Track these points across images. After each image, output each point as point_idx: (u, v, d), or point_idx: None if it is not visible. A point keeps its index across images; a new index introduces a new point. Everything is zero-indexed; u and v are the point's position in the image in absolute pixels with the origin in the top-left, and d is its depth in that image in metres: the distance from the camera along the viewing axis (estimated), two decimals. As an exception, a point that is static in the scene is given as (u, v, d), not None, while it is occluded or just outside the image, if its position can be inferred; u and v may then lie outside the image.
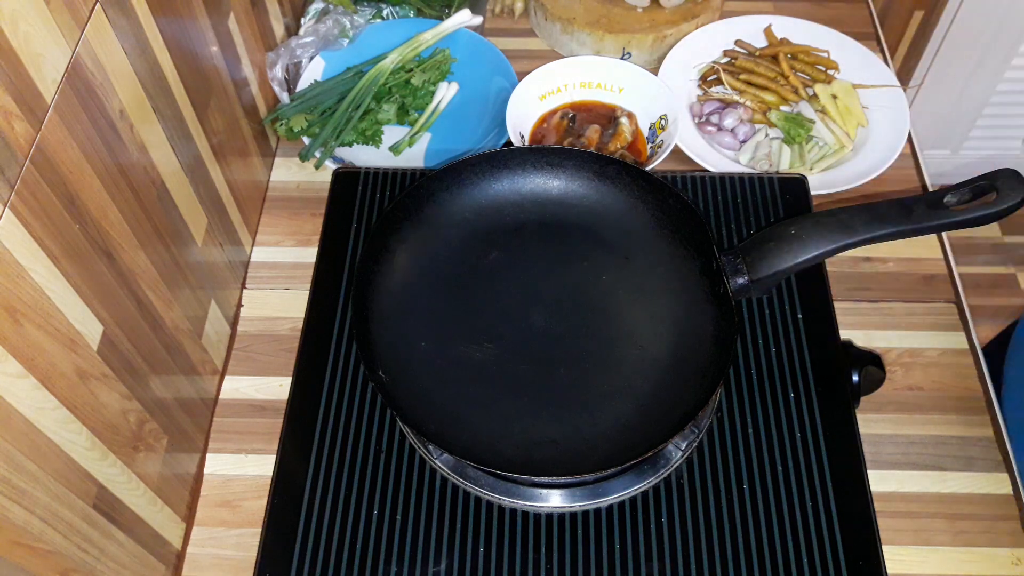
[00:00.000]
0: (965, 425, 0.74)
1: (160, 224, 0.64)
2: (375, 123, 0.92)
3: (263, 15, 0.89)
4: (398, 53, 0.93)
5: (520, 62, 0.96)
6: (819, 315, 0.73)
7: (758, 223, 0.78)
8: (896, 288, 0.83)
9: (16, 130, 0.46)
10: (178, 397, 0.68)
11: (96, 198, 0.54)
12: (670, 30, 0.99)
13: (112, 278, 0.56)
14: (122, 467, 0.58)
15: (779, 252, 0.66)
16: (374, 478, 0.65)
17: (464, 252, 0.71)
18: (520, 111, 0.90)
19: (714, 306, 0.66)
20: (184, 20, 0.68)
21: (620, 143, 0.90)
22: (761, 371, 0.70)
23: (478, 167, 0.72)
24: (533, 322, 0.68)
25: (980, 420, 0.74)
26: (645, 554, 0.62)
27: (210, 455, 0.73)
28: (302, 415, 0.68)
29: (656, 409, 0.63)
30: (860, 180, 0.87)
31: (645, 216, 0.72)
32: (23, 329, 0.46)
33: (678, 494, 0.65)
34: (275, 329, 0.80)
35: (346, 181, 0.81)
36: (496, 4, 1.07)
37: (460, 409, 0.64)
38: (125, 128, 0.58)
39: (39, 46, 0.48)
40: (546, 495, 0.64)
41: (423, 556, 0.62)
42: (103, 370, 0.55)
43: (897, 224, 0.65)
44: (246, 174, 0.84)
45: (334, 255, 0.76)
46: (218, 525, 0.70)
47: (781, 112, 0.93)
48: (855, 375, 0.70)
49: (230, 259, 0.80)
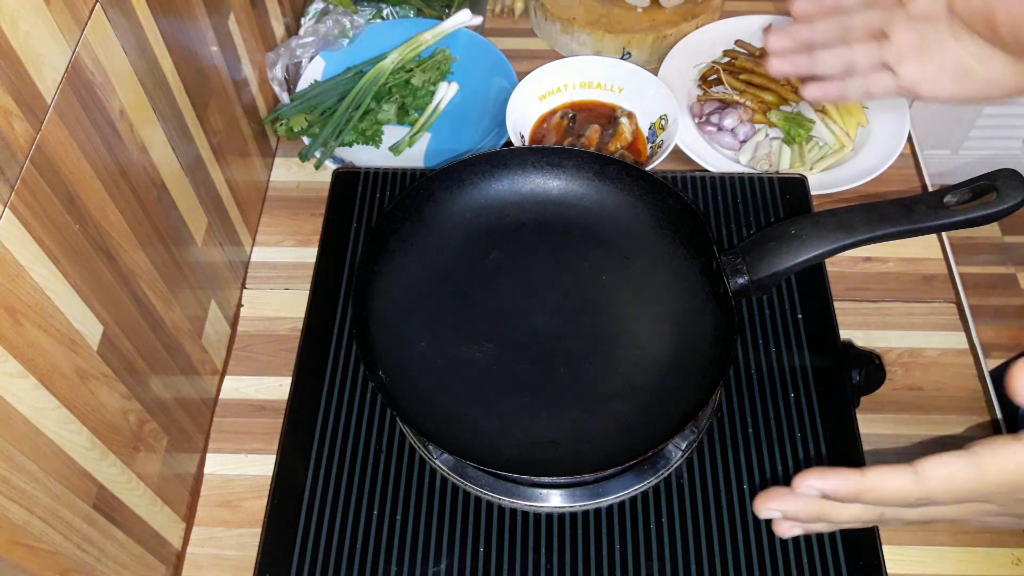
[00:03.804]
0: (965, 425, 0.74)
1: (160, 224, 0.64)
2: (375, 123, 0.92)
3: (263, 15, 0.89)
4: (398, 53, 0.93)
5: (520, 62, 0.96)
6: (819, 315, 0.73)
7: (758, 223, 0.78)
8: (896, 288, 0.83)
9: (16, 130, 0.46)
10: (178, 397, 0.68)
11: (96, 198, 0.54)
12: (670, 30, 0.99)
13: (112, 278, 0.56)
14: (122, 467, 0.58)
15: (779, 252, 0.66)
16: (374, 478, 0.65)
17: (464, 252, 0.71)
18: (520, 111, 0.90)
19: (714, 306, 0.66)
20: (184, 20, 0.68)
21: (620, 143, 0.90)
22: (761, 371, 0.70)
23: (478, 167, 0.72)
24: (533, 322, 0.68)
25: (980, 420, 0.74)
26: (645, 554, 0.62)
27: (210, 455, 0.73)
28: (302, 415, 0.68)
29: (656, 409, 0.63)
30: (860, 180, 0.87)
31: (645, 216, 0.72)
32: (23, 329, 0.46)
33: (678, 494, 0.65)
34: (275, 329, 0.80)
35: (346, 181, 0.81)
36: (496, 4, 1.07)
37: (460, 409, 0.64)
38: (125, 128, 0.58)
39: (39, 46, 0.48)
40: (546, 495, 0.64)
41: (423, 556, 0.62)
42: (103, 370, 0.55)
43: (897, 224, 0.65)
44: (246, 174, 0.84)
45: (334, 255, 0.76)
46: (218, 525, 0.70)
47: (781, 112, 0.93)
48: (855, 375, 0.70)
49: (230, 259, 0.80)
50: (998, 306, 1.71)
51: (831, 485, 0.41)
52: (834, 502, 0.42)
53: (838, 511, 0.43)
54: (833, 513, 0.43)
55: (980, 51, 0.59)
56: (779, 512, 0.43)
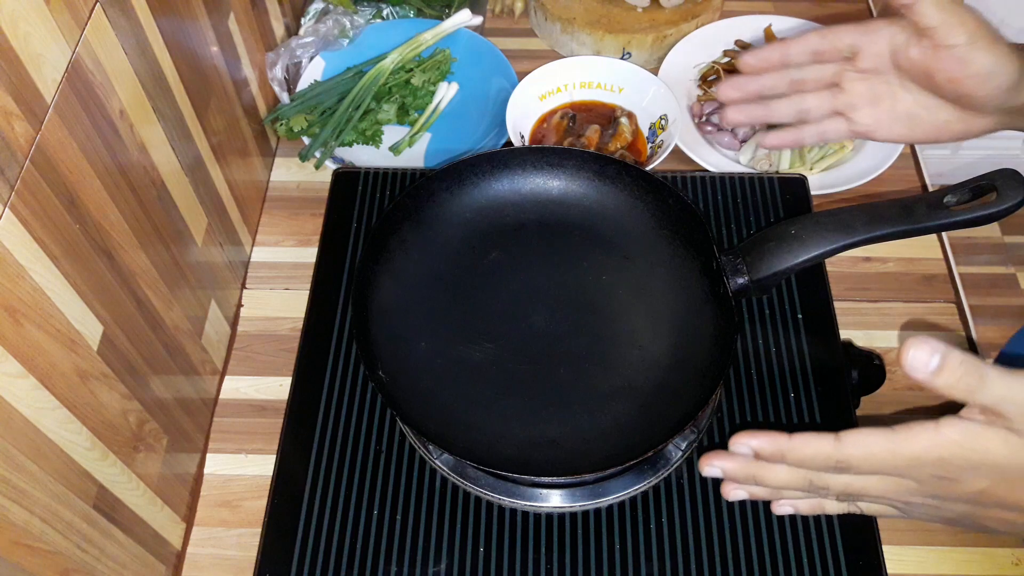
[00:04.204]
0: (965, 425, 0.74)
1: (160, 224, 0.64)
2: (375, 123, 0.92)
3: (263, 15, 0.89)
4: (398, 53, 0.93)
5: (520, 62, 0.96)
6: (819, 315, 0.73)
7: (758, 223, 0.78)
8: (896, 288, 0.83)
9: (16, 130, 0.46)
10: (178, 397, 0.68)
11: (96, 198, 0.54)
12: (670, 30, 0.99)
13: (112, 278, 0.56)
14: (122, 467, 0.58)
15: (779, 252, 0.66)
16: (374, 478, 0.65)
17: (464, 252, 0.71)
18: (520, 111, 0.90)
19: (714, 306, 0.66)
20: (184, 20, 0.68)
21: (620, 143, 0.90)
22: (761, 371, 0.70)
23: (478, 167, 0.72)
24: (533, 322, 0.68)
25: (980, 420, 0.74)
26: (645, 554, 0.62)
27: (210, 455, 0.73)
28: (302, 415, 0.68)
29: (656, 409, 0.63)
30: (860, 180, 0.87)
31: (645, 216, 0.72)
32: (23, 329, 0.46)
33: (678, 494, 0.65)
34: (275, 329, 0.80)
35: (346, 181, 0.81)
36: (496, 4, 1.07)
37: (460, 409, 0.64)
38: (125, 128, 0.58)
39: (39, 46, 0.48)
40: (546, 495, 0.64)
41: (423, 556, 0.62)
42: (103, 370, 0.55)
43: (897, 224, 0.65)
44: (246, 174, 0.84)
45: (334, 255, 0.76)
46: (218, 525, 0.70)
47: (781, 112, 0.93)
48: (855, 375, 0.70)
49: (230, 259, 0.80)
50: (998, 306, 1.71)
51: (758, 443, 0.46)
52: (765, 463, 0.47)
53: (769, 472, 0.47)
54: (765, 475, 0.47)
55: (927, 101, 0.63)
56: (718, 469, 0.48)
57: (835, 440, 0.44)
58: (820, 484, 0.47)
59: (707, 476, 0.49)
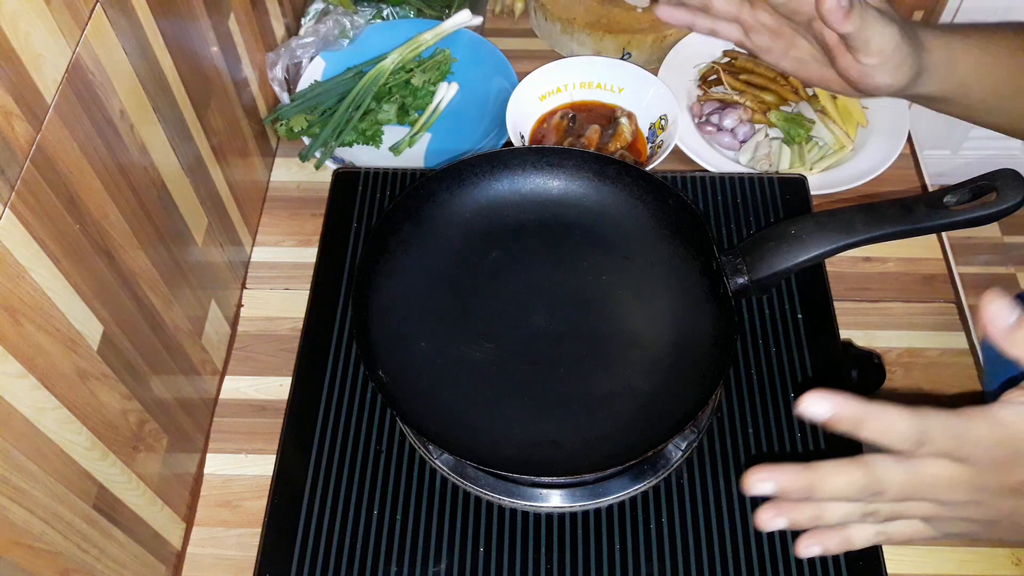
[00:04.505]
0: (965, 425, 0.74)
1: (160, 224, 0.64)
2: (375, 123, 0.92)
3: (263, 15, 0.89)
4: (398, 53, 0.93)
5: (520, 62, 0.96)
6: (819, 315, 0.73)
7: (758, 223, 0.78)
8: (896, 288, 0.83)
9: (16, 130, 0.46)
10: (178, 397, 0.68)
11: (96, 198, 0.54)
12: (670, 30, 0.99)
13: (112, 278, 0.56)
14: (122, 467, 0.58)
15: (779, 252, 0.66)
16: (374, 478, 0.65)
17: (464, 252, 0.71)
18: (520, 111, 0.90)
19: (714, 306, 0.66)
20: (184, 20, 0.68)
21: (620, 143, 0.90)
22: (761, 371, 0.70)
23: (478, 167, 0.72)
24: (533, 322, 0.68)
25: (980, 420, 0.74)
26: (645, 554, 0.62)
27: (210, 455, 0.73)
28: (302, 415, 0.68)
29: (656, 409, 0.63)
30: (860, 180, 0.87)
31: (645, 216, 0.72)
32: (23, 329, 0.46)
33: (678, 494, 0.65)
34: (275, 329, 0.80)
35: (346, 181, 0.81)
36: (496, 4, 1.07)
37: (460, 409, 0.64)
38: (125, 128, 0.58)
39: (39, 46, 0.48)
40: (546, 495, 0.64)
41: (423, 556, 0.62)
42: (103, 370, 0.55)
43: (897, 224, 0.65)
44: (246, 174, 0.84)
45: (334, 255, 0.76)
46: (218, 525, 0.70)
47: (781, 112, 0.93)
48: (855, 375, 0.70)
49: (230, 259, 0.80)
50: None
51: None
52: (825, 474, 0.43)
53: (827, 485, 0.43)
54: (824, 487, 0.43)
55: (822, 58, 0.66)
56: (771, 485, 0.43)
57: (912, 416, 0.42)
58: (876, 489, 0.43)
59: (755, 495, 0.43)
